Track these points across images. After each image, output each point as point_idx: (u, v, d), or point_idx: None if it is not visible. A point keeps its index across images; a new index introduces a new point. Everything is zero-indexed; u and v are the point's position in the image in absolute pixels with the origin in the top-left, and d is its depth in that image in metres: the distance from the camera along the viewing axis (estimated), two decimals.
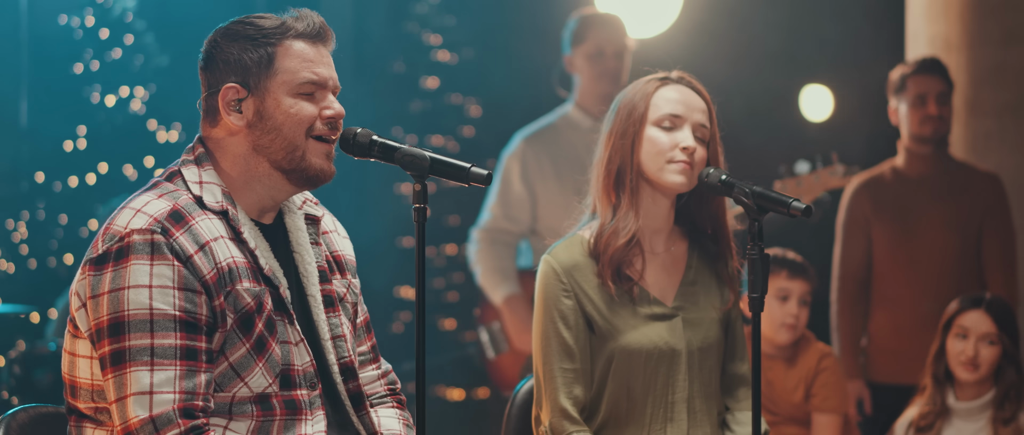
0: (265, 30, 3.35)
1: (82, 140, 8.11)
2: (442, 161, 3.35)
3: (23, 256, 7.89)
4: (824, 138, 9.53)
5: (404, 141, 9.24)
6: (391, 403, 3.64)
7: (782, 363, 5.44)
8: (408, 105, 9.77)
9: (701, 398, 4.01)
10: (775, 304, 5.40)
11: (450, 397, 9.36)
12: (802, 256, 5.56)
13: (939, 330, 5.32)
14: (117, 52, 8.21)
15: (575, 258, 3.99)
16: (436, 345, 9.35)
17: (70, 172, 8.09)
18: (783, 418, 5.42)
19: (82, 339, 3.24)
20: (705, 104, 4.01)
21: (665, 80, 4.01)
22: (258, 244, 3.32)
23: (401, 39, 9.84)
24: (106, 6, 8.17)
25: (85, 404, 3.27)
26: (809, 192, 6.05)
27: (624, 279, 3.97)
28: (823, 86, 9.82)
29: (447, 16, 9.89)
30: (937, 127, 6.11)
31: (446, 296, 9.71)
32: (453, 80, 9.88)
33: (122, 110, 8.20)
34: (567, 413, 3.92)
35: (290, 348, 3.30)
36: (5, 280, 7.89)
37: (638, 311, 3.97)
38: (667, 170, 3.92)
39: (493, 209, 6.54)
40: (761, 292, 3.65)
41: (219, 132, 3.36)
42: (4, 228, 7.98)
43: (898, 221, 6.16)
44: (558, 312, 3.96)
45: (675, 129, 3.94)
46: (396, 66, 9.82)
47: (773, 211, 3.69)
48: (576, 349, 3.95)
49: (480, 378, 8.19)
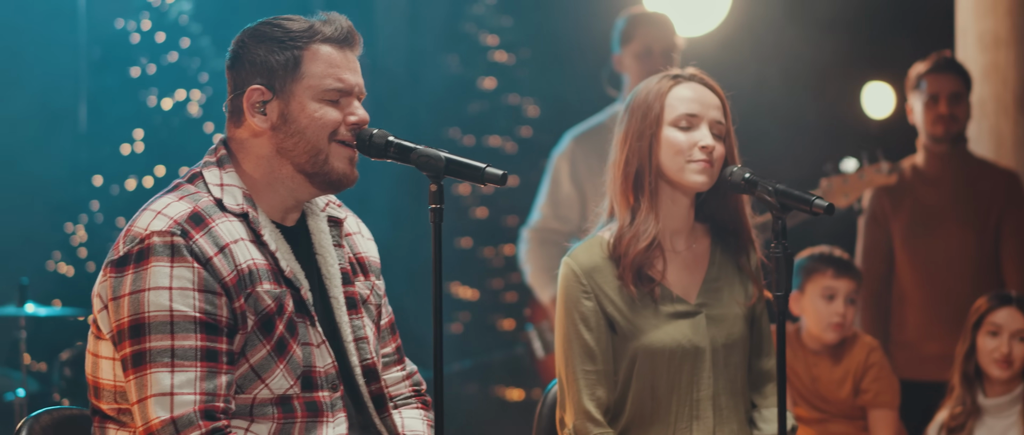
0: (292, 33, 3.35)
1: (139, 143, 8.15)
2: (457, 161, 3.33)
3: (81, 259, 7.95)
4: (885, 136, 9.46)
5: (461, 142, 9.27)
6: (415, 404, 3.64)
7: (828, 359, 5.41)
8: (465, 106, 9.77)
9: (727, 395, 3.98)
10: (821, 303, 5.36)
11: (509, 397, 9.35)
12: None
13: (968, 329, 5.27)
14: (173, 55, 8.24)
15: (595, 260, 3.97)
16: (495, 345, 9.34)
17: (127, 175, 8.13)
18: (832, 415, 5.39)
19: (104, 340, 3.26)
20: (719, 100, 3.98)
21: (678, 78, 3.99)
22: (279, 246, 3.32)
23: (458, 40, 9.83)
24: (162, 10, 8.21)
25: (108, 405, 3.29)
26: (854, 190, 6.00)
27: (646, 280, 3.95)
28: (885, 83, 9.74)
29: (504, 16, 9.86)
30: (949, 126, 6.08)
31: (504, 296, 9.69)
32: (510, 80, 9.86)
33: (179, 113, 8.24)
34: (590, 415, 3.91)
35: (312, 350, 3.31)
36: (64, 283, 7.94)
37: (660, 310, 3.95)
38: (687, 170, 3.90)
39: (543, 209, 6.53)
40: (785, 290, 3.61)
41: (243, 133, 3.37)
42: (63, 231, 8.04)
43: (916, 219, 6.14)
44: (579, 314, 3.94)
45: (692, 128, 3.92)
46: (453, 67, 9.81)
47: (796, 209, 3.66)
48: (598, 351, 3.93)
49: (536, 378, 8.18)
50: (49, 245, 8.03)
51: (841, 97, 9.73)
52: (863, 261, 6.21)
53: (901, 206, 6.17)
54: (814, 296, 5.38)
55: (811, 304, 5.38)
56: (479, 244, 9.71)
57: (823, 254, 5.44)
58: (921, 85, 6.12)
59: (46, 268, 7.98)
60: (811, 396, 5.39)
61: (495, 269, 9.74)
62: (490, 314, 9.68)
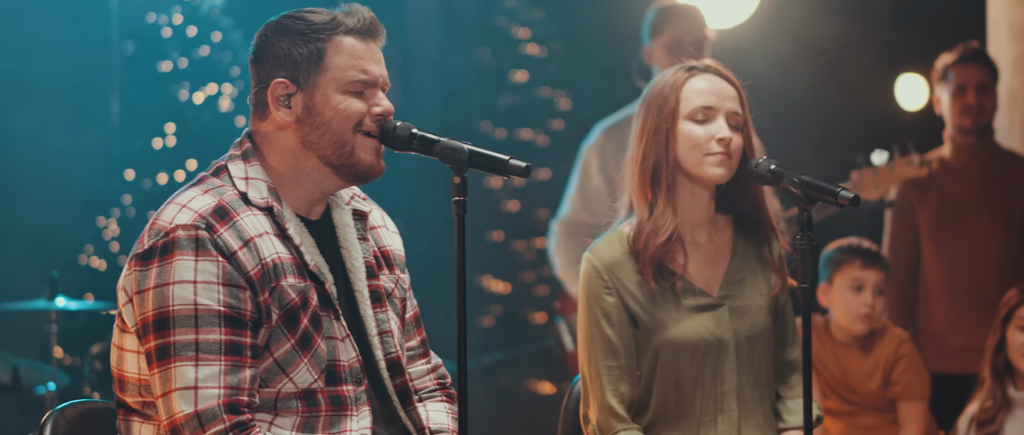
0: (315, 25, 3.35)
1: (171, 137, 8.18)
2: (481, 153, 3.31)
3: (114, 253, 7.98)
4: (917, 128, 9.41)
5: (493, 136, 9.24)
6: (440, 397, 3.63)
7: (857, 351, 5.39)
8: (497, 99, 9.76)
9: (751, 387, 3.96)
10: (850, 294, 5.34)
11: (541, 391, 9.35)
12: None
13: (998, 323, 5.25)
14: (205, 49, 8.26)
15: (616, 255, 3.96)
16: (527, 339, 9.33)
17: (159, 170, 8.16)
18: (862, 407, 5.37)
19: (129, 334, 3.27)
20: (735, 90, 3.96)
21: (693, 70, 3.97)
22: (303, 240, 3.32)
23: (490, 33, 9.82)
24: (194, 4, 8.23)
25: (133, 398, 3.29)
26: (885, 182, 5.97)
27: (667, 274, 3.94)
28: (919, 75, 9.68)
29: (535, 9, 9.85)
30: (977, 117, 6.05)
31: (536, 290, 9.68)
32: (542, 73, 9.85)
33: (210, 107, 8.26)
34: (614, 411, 3.89)
35: (336, 344, 3.30)
36: (96, 277, 7.97)
37: (682, 304, 3.93)
38: (706, 163, 3.88)
39: (572, 201, 6.52)
40: (811, 282, 3.59)
41: (268, 126, 3.37)
42: (95, 225, 8.07)
43: (942, 211, 6.11)
44: (601, 310, 3.93)
45: (709, 121, 3.90)
46: (484, 60, 9.80)
47: (822, 200, 3.64)
48: (620, 346, 3.92)
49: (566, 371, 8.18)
50: (81, 239, 8.07)
51: (874, 89, 9.67)
52: (890, 253, 6.19)
53: (928, 198, 6.14)
54: (842, 287, 5.36)
55: (839, 295, 5.37)
56: (511, 237, 9.71)
57: (851, 245, 5.43)
58: (948, 76, 6.09)
59: (78, 262, 8.01)
60: (841, 388, 5.37)
61: (527, 262, 9.73)
62: (522, 307, 9.67)
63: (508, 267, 9.70)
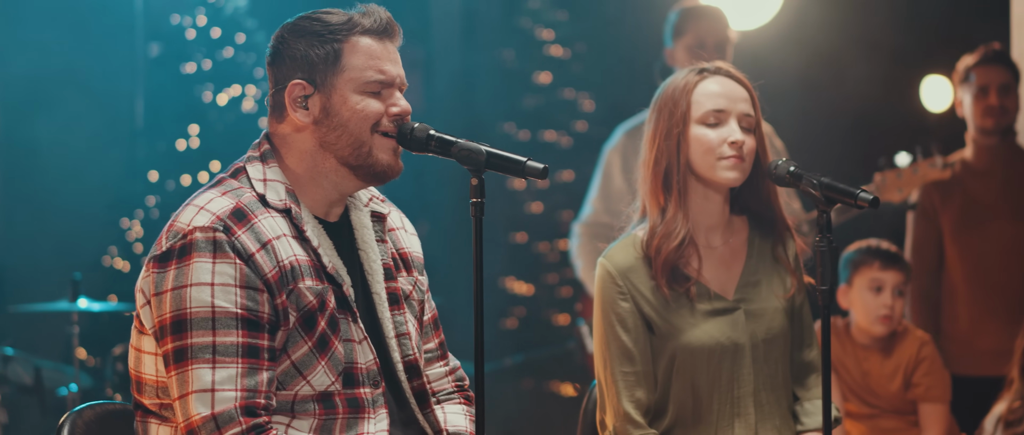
0: (332, 26, 3.35)
1: (194, 139, 8.19)
2: (499, 155, 3.30)
3: (137, 255, 8.00)
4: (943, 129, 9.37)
5: (516, 137, 9.23)
6: (458, 399, 3.63)
7: (878, 353, 5.37)
8: (520, 100, 9.75)
9: (768, 390, 3.95)
10: (869, 296, 5.33)
11: (563, 393, 9.34)
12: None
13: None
14: (229, 51, 8.27)
15: (630, 260, 3.94)
16: (550, 340, 9.32)
17: (183, 171, 8.17)
18: (883, 410, 5.35)
19: (147, 336, 3.27)
20: (747, 92, 3.94)
21: (703, 72, 3.95)
22: (321, 242, 3.32)
23: (513, 34, 9.81)
24: (218, 5, 8.24)
25: (150, 400, 3.29)
26: (908, 184, 5.95)
27: (681, 279, 3.92)
28: (943, 77, 9.65)
29: (559, 11, 9.84)
30: (999, 118, 6.03)
31: (559, 291, 9.67)
32: (566, 75, 9.84)
33: (234, 109, 8.26)
34: (630, 417, 3.88)
35: (354, 346, 3.30)
36: (120, 278, 7.99)
37: (697, 308, 3.92)
38: (719, 167, 3.87)
39: (594, 203, 6.50)
40: (830, 284, 3.57)
41: (285, 128, 3.37)
42: (119, 227, 8.09)
43: (965, 213, 6.09)
44: (616, 315, 3.91)
45: (721, 124, 3.88)
46: (508, 61, 9.80)
47: (841, 202, 3.62)
48: (636, 352, 3.90)
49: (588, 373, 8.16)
50: (105, 240, 8.09)
51: (898, 91, 9.65)
52: (912, 255, 6.17)
53: (950, 200, 6.12)
54: (862, 289, 5.34)
55: (859, 297, 5.35)
56: (534, 239, 9.70)
57: (870, 247, 5.41)
58: (970, 78, 6.07)
59: (102, 263, 8.03)
60: (862, 391, 5.35)
61: (550, 264, 9.73)
62: (545, 309, 9.66)
63: (531, 269, 9.69)
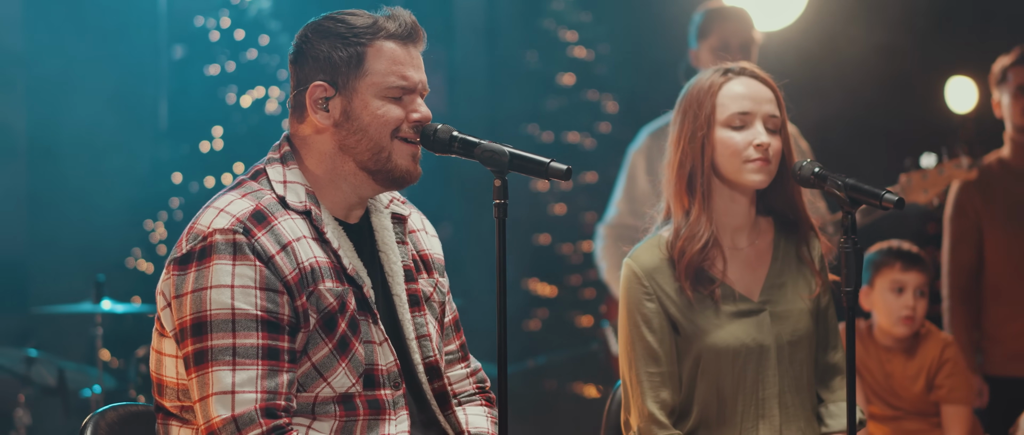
0: (356, 29, 3.33)
1: (218, 141, 8.19)
2: (522, 156, 3.29)
3: (161, 257, 8.00)
4: (969, 130, 9.34)
5: (540, 139, 9.21)
6: (479, 401, 3.62)
7: (901, 355, 5.35)
8: (544, 102, 9.74)
9: (792, 392, 3.94)
10: (891, 297, 5.30)
11: (586, 394, 9.32)
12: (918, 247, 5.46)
13: None
14: (252, 53, 8.27)
15: (656, 261, 3.93)
16: (573, 342, 9.31)
17: (206, 173, 8.17)
18: (906, 412, 5.33)
19: (168, 338, 3.27)
20: (772, 93, 3.92)
21: (728, 73, 3.92)
22: (341, 244, 3.31)
23: (536, 36, 9.80)
24: (241, 7, 8.24)
25: (171, 402, 3.29)
26: (933, 185, 5.92)
27: (706, 281, 3.91)
28: (967, 77, 9.62)
29: (582, 12, 9.83)
30: None
31: (583, 293, 9.66)
32: (589, 76, 9.83)
33: (257, 111, 8.26)
34: (655, 418, 3.87)
35: (374, 348, 3.29)
36: (144, 280, 8.00)
37: (722, 310, 3.90)
38: (745, 170, 3.85)
39: (619, 205, 6.49)
40: (855, 285, 3.54)
41: (305, 129, 3.36)
42: (143, 229, 8.09)
43: (1008, 213, 6.05)
44: (641, 316, 3.90)
45: (746, 126, 3.86)
46: (531, 63, 9.78)
47: (866, 203, 3.59)
48: (661, 352, 3.89)
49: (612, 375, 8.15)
50: (129, 242, 8.09)
51: (923, 92, 9.62)
52: (951, 256, 6.14)
53: (990, 200, 6.10)
54: (883, 290, 5.32)
55: (881, 298, 5.33)
56: (557, 240, 9.69)
57: (891, 248, 5.39)
58: (1007, 78, 6.05)
59: (126, 265, 8.04)
60: (885, 393, 5.33)
61: (573, 266, 9.71)
62: (568, 310, 9.65)
63: (554, 270, 9.68)
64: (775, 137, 3.87)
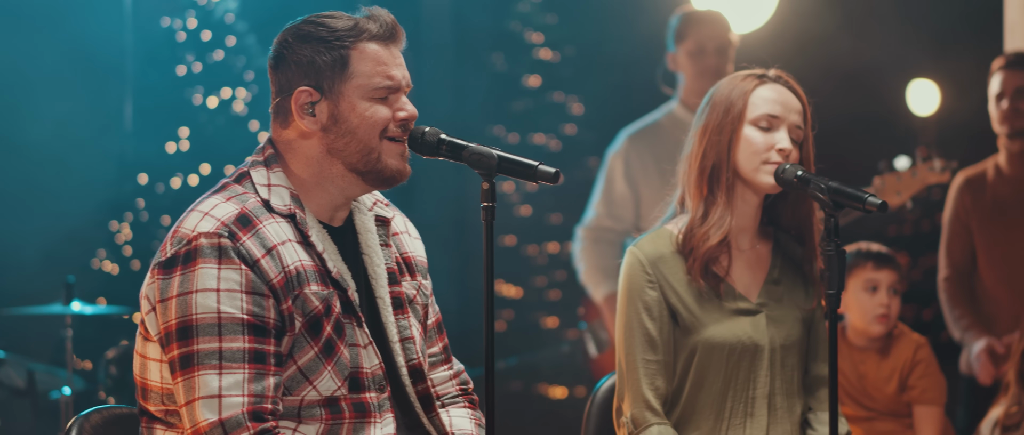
0: (338, 32, 3.32)
1: (185, 142, 8.17)
2: (510, 159, 3.31)
3: (126, 258, 7.97)
4: (931, 133, 9.39)
5: (506, 140, 9.21)
6: (463, 403, 3.63)
7: (875, 355, 5.39)
8: (510, 104, 9.74)
9: (782, 395, 3.98)
10: (865, 296, 5.34)
11: (553, 395, 9.32)
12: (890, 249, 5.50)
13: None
14: (219, 54, 8.25)
15: (661, 251, 3.96)
16: (539, 343, 9.31)
17: (172, 174, 8.15)
18: (879, 413, 5.36)
19: (152, 342, 3.25)
20: (801, 104, 3.97)
21: (763, 78, 3.98)
22: (326, 247, 3.30)
23: (503, 37, 9.80)
24: (208, 8, 8.22)
25: (156, 407, 3.28)
26: (908, 188, 5.97)
27: (711, 276, 3.94)
28: (930, 80, 9.67)
29: (549, 14, 9.84)
30: (1013, 122, 6.06)
31: (548, 294, 9.67)
32: (555, 78, 9.84)
33: (224, 112, 8.24)
34: (649, 404, 3.90)
35: (359, 351, 3.29)
36: (109, 281, 7.96)
37: (723, 306, 3.96)
38: (762, 171, 3.89)
39: (597, 207, 6.52)
40: (837, 288, 3.58)
41: (291, 134, 3.35)
42: (108, 230, 8.06)
43: (995, 218, 6.10)
44: (643, 303, 3.93)
45: (772, 130, 3.91)
46: (497, 65, 9.79)
47: (849, 207, 3.63)
48: (660, 341, 3.93)
49: (581, 376, 8.14)
50: (94, 243, 8.05)
51: (889, 94, 9.66)
52: (947, 259, 6.19)
53: (980, 204, 6.15)
54: (857, 290, 5.36)
55: (854, 298, 5.37)
56: (523, 242, 9.69)
57: (861, 249, 5.44)
58: (992, 83, 6.10)
59: (91, 266, 8.00)
60: (858, 394, 5.36)
61: (539, 267, 9.72)
62: (533, 312, 9.66)
63: (520, 272, 9.68)
64: (796, 148, 3.92)
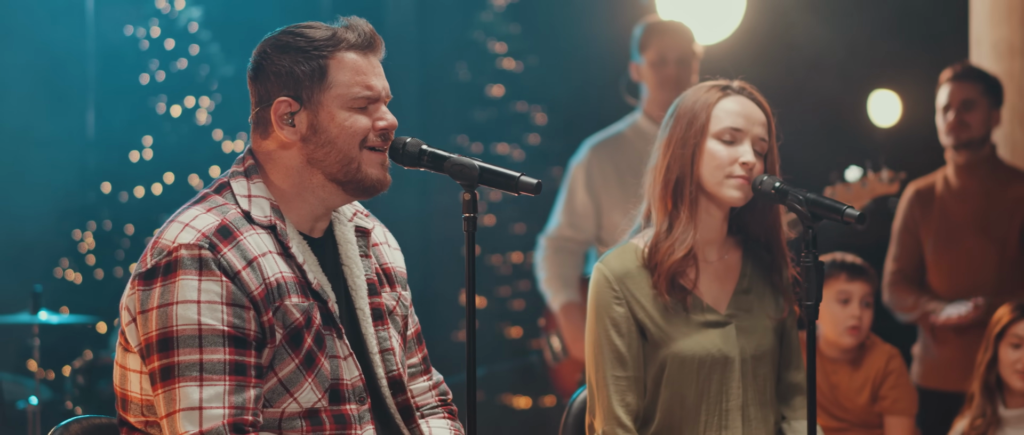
0: (316, 42, 3.31)
1: (148, 150, 8.15)
2: (492, 170, 3.32)
3: (90, 266, 7.94)
4: (891, 144, 9.44)
5: (469, 149, 9.22)
6: (442, 414, 3.63)
7: (847, 366, 5.41)
8: (473, 113, 9.76)
9: (756, 406, 3.98)
10: (837, 307, 5.36)
11: (516, 405, 9.33)
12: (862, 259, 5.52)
13: (990, 339, 5.27)
14: (182, 62, 8.24)
15: (627, 266, 3.96)
16: (502, 353, 9.32)
17: (136, 182, 8.13)
18: (851, 423, 5.38)
19: (133, 353, 3.24)
20: (765, 116, 3.97)
21: (727, 90, 3.97)
22: (306, 259, 3.30)
23: (466, 47, 9.82)
24: (171, 17, 8.21)
25: (136, 418, 3.27)
26: (858, 199, 6.02)
27: (678, 289, 3.94)
28: (891, 91, 9.72)
29: (512, 24, 9.87)
30: (958, 134, 6.08)
31: (512, 304, 9.69)
32: (518, 88, 9.86)
33: (188, 120, 8.23)
34: (620, 421, 3.90)
35: (339, 363, 3.28)
36: (72, 290, 7.94)
37: (691, 319, 3.95)
38: (726, 185, 3.89)
39: (559, 217, 6.53)
40: (815, 300, 3.60)
41: (270, 144, 3.34)
42: (71, 238, 8.03)
43: (942, 229, 6.14)
44: (610, 320, 3.93)
45: (735, 143, 3.91)
46: (461, 74, 9.80)
47: (827, 218, 3.65)
48: (628, 357, 3.93)
49: (546, 386, 8.15)
50: (57, 252, 8.02)
51: (848, 105, 9.70)
52: (895, 264, 6.23)
53: (929, 216, 6.18)
54: (829, 301, 5.38)
55: (827, 309, 5.38)
56: (487, 252, 9.70)
57: (834, 260, 5.45)
58: (940, 95, 6.13)
59: (54, 275, 7.96)
60: (830, 405, 5.38)
61: (502, 277, 9.73)
62: (497, 322, 9.66)
63: (483, 281, 9.69)
64: (760, 160, 3.92)
